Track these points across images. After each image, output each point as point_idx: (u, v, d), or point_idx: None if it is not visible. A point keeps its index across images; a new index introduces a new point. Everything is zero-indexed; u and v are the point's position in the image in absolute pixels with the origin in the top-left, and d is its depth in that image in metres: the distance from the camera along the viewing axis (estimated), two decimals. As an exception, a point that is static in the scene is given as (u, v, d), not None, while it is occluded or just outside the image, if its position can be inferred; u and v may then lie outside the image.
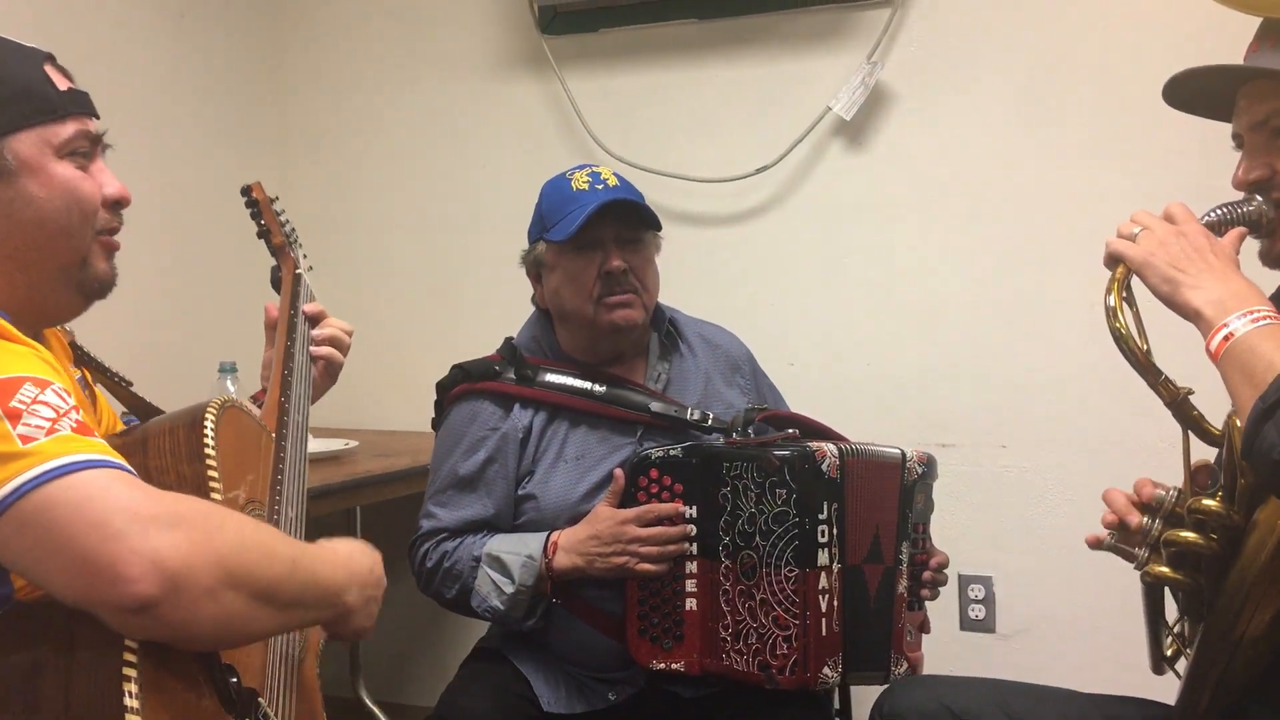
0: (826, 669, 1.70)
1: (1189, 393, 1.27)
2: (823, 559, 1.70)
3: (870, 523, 1.79)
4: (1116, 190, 2.43)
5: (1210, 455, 1.38)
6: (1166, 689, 1.46)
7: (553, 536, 1.81)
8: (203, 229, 2.87)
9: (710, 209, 2.79)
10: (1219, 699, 1.31)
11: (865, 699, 1.77)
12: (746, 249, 2.78)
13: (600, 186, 1.87)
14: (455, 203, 3.05)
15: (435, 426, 1.99)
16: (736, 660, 1.72)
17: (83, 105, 1.22)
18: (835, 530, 1.73)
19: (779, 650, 1.69)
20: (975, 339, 2.59)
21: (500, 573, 1.79)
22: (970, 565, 2.59)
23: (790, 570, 1.69)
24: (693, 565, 1.77)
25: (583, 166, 1.94)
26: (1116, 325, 1.29)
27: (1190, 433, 1.28)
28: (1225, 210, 1.34)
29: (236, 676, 1.10)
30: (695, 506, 1.77)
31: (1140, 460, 1.92)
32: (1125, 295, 1.30)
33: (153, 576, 0.93)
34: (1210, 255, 1.26)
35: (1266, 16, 1.35)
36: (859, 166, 2.68)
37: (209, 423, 1.19)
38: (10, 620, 1.03)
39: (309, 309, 1.62)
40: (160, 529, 0.95)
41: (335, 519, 2.53)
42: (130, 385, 1.39)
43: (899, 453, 1.84)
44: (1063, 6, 2.52)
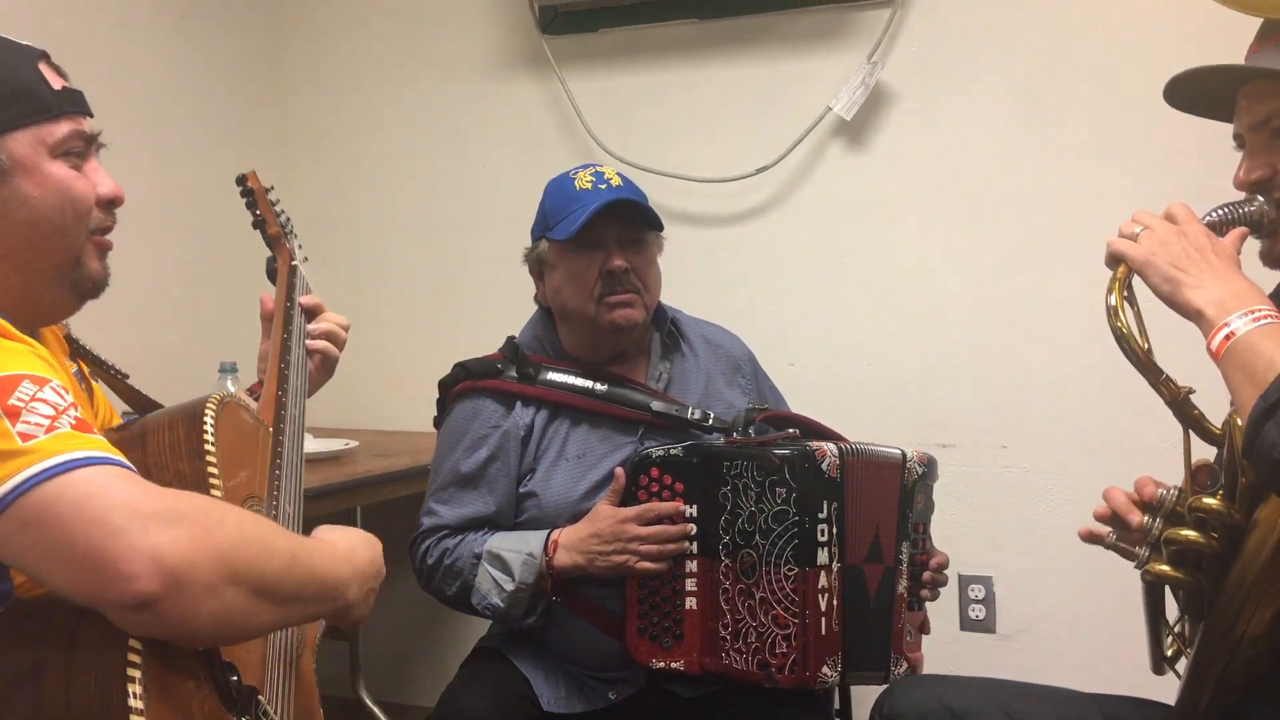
0: (826, 668, 1.70)
1: (1190, 392, 1.27)
2: (822, 558, 1.70)
3: (870, 522, 1.79)
4: (1116, 190, 2.43)
5: (1211, 455, 1.38)
6: (1166, 689, 1.46)
7: (553, 534, 1.81)
8: (203, 229, 2.87)
9: (710, 209, 2.79)
10: (1219, 698, 1.31)
11: (865, 699, 1.77)
12: (746, 249, 2.78)
13: (603, 186, 1.88)
14: (455, 203, 3.04)
15: (437, 424, 1.99)
16: (736, 659, 1.72)
17: (77, 104, 1.21)
18: (835, 529, 1.73)
19: (778, 649, 1.69)
20: (975, 339, 2.59)
21: (501, 570, 1.79)
22: (970, 565, 2.58)
23: (790, 569, 1.69)
24: (693, 564, 1.77)
25: (586, 166, 1.95)
26: (1118, 325, 1.29)
27: (1191, 432, 1.28)
28: (1226, 210, 1.34)
29: (237, 674, 1.10)
30: (695, 505, 1.77)
31: (1140, 460, 1.91)
32: (1126, 295, 1.30)
33: (153, 573, 0.93)
34: (1211, 255, 1.26)
35: (1267, 17, 1.35)
36: (859, 166, 2.68)
37: (209, 419, 1.19)
38: (11, 619, 1.03)
39: (305, 301, 1.60)
40: (160, 525, 0.95)
41: (335, 519, 2.51)
42: (126, 377, 1.38)
43: (899, 453, 1.84)
44: (1063, 6, 2.52)
